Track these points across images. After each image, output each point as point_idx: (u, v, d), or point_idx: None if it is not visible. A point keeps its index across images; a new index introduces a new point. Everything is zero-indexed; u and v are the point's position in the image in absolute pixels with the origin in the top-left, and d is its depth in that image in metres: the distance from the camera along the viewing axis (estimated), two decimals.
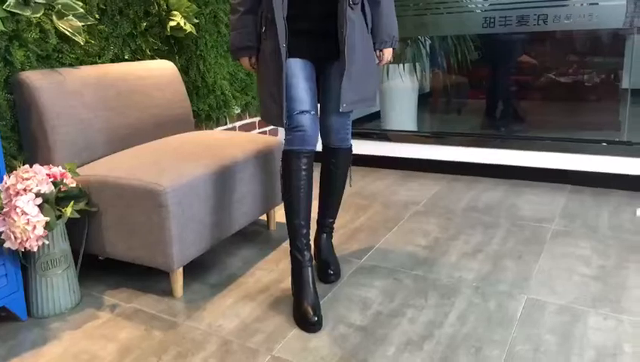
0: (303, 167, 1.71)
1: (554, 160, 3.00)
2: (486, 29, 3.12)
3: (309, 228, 1.75)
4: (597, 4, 2.80)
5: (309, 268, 1.73)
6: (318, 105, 1.84)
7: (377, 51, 1.88)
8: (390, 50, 1.90)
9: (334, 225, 2.06)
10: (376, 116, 4.06)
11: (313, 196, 1.78)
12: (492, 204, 2.70)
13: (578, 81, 4.05)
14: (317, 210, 2.00)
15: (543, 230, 2.34)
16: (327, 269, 1.94)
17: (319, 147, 1.83)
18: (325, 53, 1.76)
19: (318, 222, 2.03)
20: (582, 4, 2.84)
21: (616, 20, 2.78)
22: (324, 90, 1.83)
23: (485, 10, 3.09)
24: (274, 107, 1.71)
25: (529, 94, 4.29)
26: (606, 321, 1.62)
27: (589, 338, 1.54)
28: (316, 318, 1.63)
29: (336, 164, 1.93)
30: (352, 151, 1.95)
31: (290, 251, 1.76)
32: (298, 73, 1.71)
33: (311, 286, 1.70)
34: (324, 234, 2.03)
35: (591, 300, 1.75)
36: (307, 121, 1.70)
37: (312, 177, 1.75)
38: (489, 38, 3.86)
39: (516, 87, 4.21)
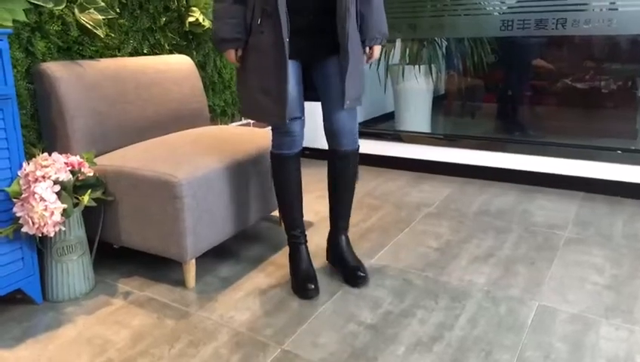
0: (294, 167, 1.84)
1: (568, 166, 2.98)
2: (504, 31, 3.11)
3: (302, 216, 1.92)
4: (617, 9, 2.78)
5: (305, 246, 1.91)
6: (320, 105, 1.84)
7: (367, 48, 1.83)
8: (379, 47, 1.86)
9: (348, 224, 2.02)
10: (390, 117, 4.06)
11: (322, 197, 1.82)
12: (504, 209, 2.69)
13: (595, 88, 4.02)
14: (330, 213, 1.97)
15: (556, 237, 2.33)
16: (357, 272, 1.88)
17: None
18: (320, 50, 1.73)
19: (334, 225, 1.98)
20: (601, 10, 2.82)
21: (636, 26, 2.75)
22: (325, 89, 1.78)
23: (503, 13, 3.07)
24: (269, 104, 1.68)
25: (545, 99, 4.26)
26: (618, 331, 1.61)
27: (600, 347, 1.54)
28: (313, 286, 1.78)
29: (348, 168, 1.88)
30: (359, 151, 1.91)
31: (288, 239, 1.93)
32: (291, 77, 1.68)
33: (306, 258, 1.88)
34: (343, 237, 1.97)
35: (603, 309, 1.74)
36: (297, 127, 1.78)
37: (301, 171, 1.88)
38: (506, 41, 3.84)
39: (532, 92, 4.19)
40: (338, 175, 1.90)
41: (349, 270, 1.90)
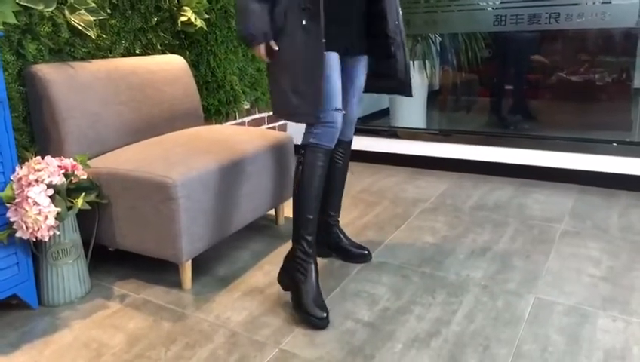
0: (326, 164, 1.70)
1: (563, 159, 2.98)
2: (497, 26, 3.11)
3: (317, 225, 1.73)
4: (610, 2, 2.78)
5: (315, 264, 1.70)
6: None
7: None
8: None
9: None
10: (385, 113, 4.05)
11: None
12: (501, 203, 2.69)
13: (589, 81, 4.03)
14: (322, 208, 1.90)
15: (552, 230, 2.33)
16: (361, 250, 2.06)
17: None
18: (358, 41, 1.81)
19: (326, 219, 2.01)
20: (594, 3, 2.82)
21: (629, 19, 2.75)
22: (351, 83, 1.86)
23: (497, 8, 3.07)
24: (302, 104, 1.64)
25: (539, 93, 4.27)
26: (615, 323, 1.62)
27: (597, 339, 1.54)
28: (325, 314, 1.62)
29: (345, 157, 1.99)
30: None
31: (296, 246, 1.71)
32: (335, 67, 1.67)
33: (316, 281, 1.67)
34: (335, 228, 2.06)
35: (600, 301, 1.74)
36: (340, 119, 1.69)
37: None
38: (500, 36, 3.84)
39: (526, 86, 4.19)
40: (339, 165, 1.98)
41: (350, 249, 2.06)
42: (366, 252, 2.06)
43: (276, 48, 1.66)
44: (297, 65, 1.63)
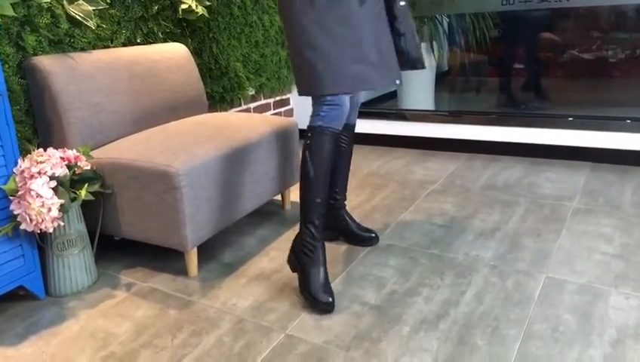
0: (333, 147, 1.69)
1: (575, 137, 2.92)
2: (505, 6, 3.03)
3: (325, 208, 1.72)
4: None
5: (322, 248, 1.68)
6: None
7: None
8: None
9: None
10: (392, 96, 4.00)
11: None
12: (511, 183, 2.65)
13: (602, 58, 3.93)
14: (336, 187, 2.00)
15: (564, 208, 2.29)
16: (369, 233, 2.05)
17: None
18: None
19: (332, 203, 1.99)
20: None
21: None
22: None
23: None
24: (366, 70, 1.63)
25: (551, 71, 4.18)
26: (628, 301, 1.58)
27: (609, 317, 1.50)
28: (331, 299, 1.61)
29: (350, 140, 1.97)
30: None
31: (304, 229, 1.68)
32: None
33: (324, 265, 1.66)
34: (342, 211, 2.04)
35: (612, 279, 1.70)
36: (347, 101, 1.68)
37: None
38: (509, 14, 3.75)
39: (538, 65, 4.10)
40: (344, 148, 1.95)
41: (357, 232, 2.04)
42: (373, 235, 2.04)
43: None
44: (357, 33, 1.64)
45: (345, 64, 1.61)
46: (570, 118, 2.95)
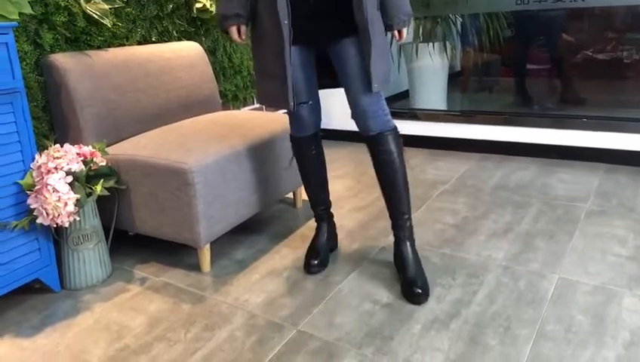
0: (309, 149, 1.87)
1: (589, 138, 2.89)
2: (519, 5, 3.01)
3: (322, 193, 1.96)
4: None
5: (325, 223, 1.96)
6: (343, 90, 1.74)
7: (395, 32, 1.71)
8: (405, 28, 1.73)
9: (410, 222, 1.78)
10: (405, 95, 4.00)
11: (337, 177, 1.78)
12: (523, 183, 2.63)
13: (616, 58, 3.89)
14: (387, 210, 1.79)
15: (577, 209, 2.27)
16: (413, 287, 1.66)
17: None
18: (327, 34, 1.65)
19: (393, 223, 1.79)
20: None
21: None
22: (345, 72, 1.67)
23: None
24: (276, 88, 1.65)
25: (565, 72, 4.14)
26: None
27: (623, 319, 1.49)
28: (316, 261, 1.85)
29: (388, 151, 1.70)
30: (399, 131, 1.73)
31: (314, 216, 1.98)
32: (295, 62, 1.66)
33: (321, 235, 1.93)
34: (407, 242, 1.77)
35: (626, 281, 1.69)
36: (305, 112, 1.78)
37: (322, 151, 1.91)
38: (523, 14, 3.73)
39: (551, 65, 4.07)
40: (379, 162, 1.73)
41: (404, 282, 1.71)
42: (419, 291, 1.67)
43: (242, 32, 1.74)
44: (268, 49, 1.66)
45: (258, 79, 1.78)
46: (585, 119, 2.93)
